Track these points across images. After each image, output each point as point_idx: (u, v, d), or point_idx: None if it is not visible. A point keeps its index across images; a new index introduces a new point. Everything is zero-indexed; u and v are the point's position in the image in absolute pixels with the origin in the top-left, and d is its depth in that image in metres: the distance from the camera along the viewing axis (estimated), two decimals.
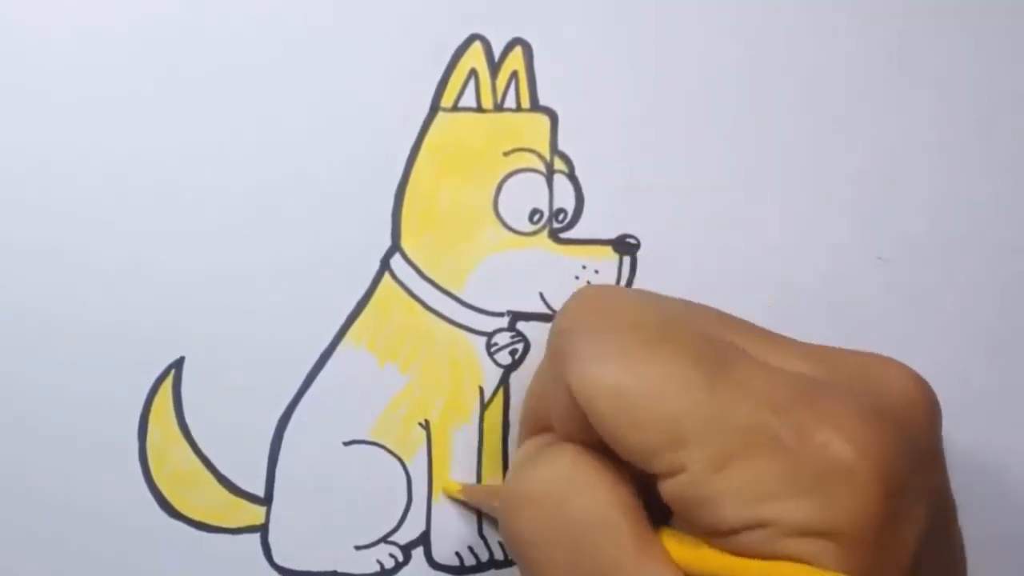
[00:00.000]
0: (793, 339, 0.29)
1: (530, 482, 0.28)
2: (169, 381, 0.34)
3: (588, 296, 0.30)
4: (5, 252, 0.33)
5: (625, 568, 0.26)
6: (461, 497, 0.35)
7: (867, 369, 0.28)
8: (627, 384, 0.26)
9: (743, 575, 0.25)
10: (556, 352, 0.29)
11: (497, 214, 0.36)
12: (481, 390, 0.36)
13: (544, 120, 0.36)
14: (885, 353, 0.37)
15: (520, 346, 0.36)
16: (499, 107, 0.36)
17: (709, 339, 0.27)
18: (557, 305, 0.35)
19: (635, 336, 0.27)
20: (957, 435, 0.37)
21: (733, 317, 0.29)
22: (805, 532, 0.25)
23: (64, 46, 0.34)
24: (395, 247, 0.35)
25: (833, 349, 0.29)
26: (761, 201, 0.37)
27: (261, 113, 0.34)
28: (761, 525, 0.25)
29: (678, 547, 0.27)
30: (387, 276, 0.35)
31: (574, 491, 0.27)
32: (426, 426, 0.35)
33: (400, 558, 0.36)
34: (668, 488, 0.26)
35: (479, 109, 0.36)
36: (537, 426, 0.32)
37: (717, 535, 0.26)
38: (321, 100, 0.35)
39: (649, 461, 0.26)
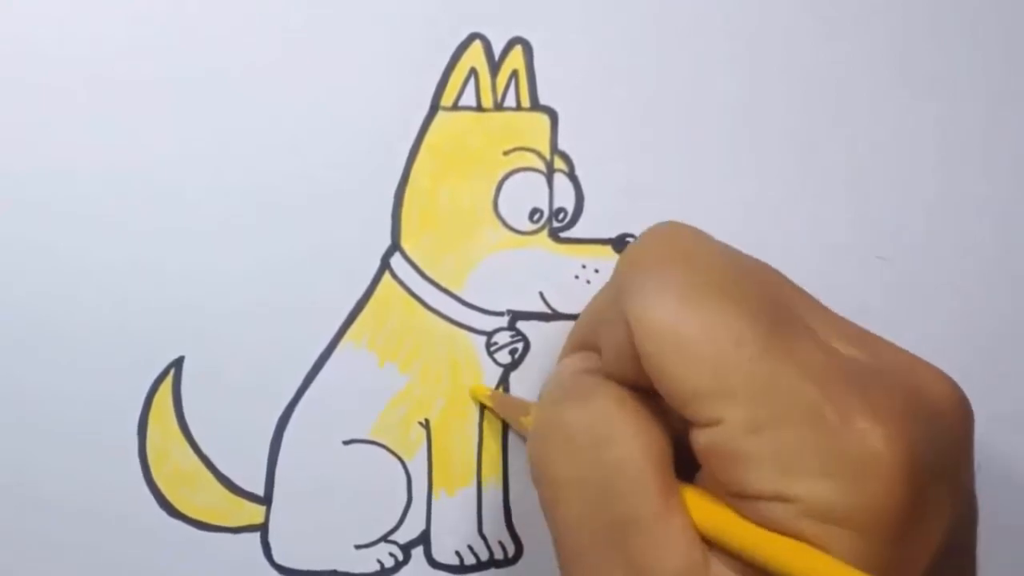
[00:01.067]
0: (848, 320, 0.29)
1: (567, 415, 0.28)
2: (169, 380, 0.34)
3: (663, 232, 0.30)
4: (5, 252, 0.33)
5: (644, 520, 0.26)
6: (489, 403, 0.35)
7: (912, 367, 0.27)
8: (682, 326, 0.26)
9: (759, 548, 0.25)
10: (621, 281, 0.28)
11: (497, 213, 0.36)
12: None
13: (544, 119, 0.36)
14: None
15: (520, 345, 0.36)
16: (499, 106, 0.36)
17: (774, 300, 0.27)
18: (557, 305, 0.36)
19: (701, 279, 0.27)
20: None
21: (800, 289, 0.29)
22: (827, 516, 0.24)
23: (63, 46, 0.33)
24: (395, 246, 0.35)
25: (883, 341, 0.28)
26: (761, 200, 0.37)
27: (261, 112, 0.34)
28: (785, 499, 0.25)
29: (700, 506, 0.26)
30: (387, 275, 0.35)
31: (610, 436, 0.27)
32: (426, 425, 0.35)
33: (400, 557, 0.36)
34: (701, 438, 0.26)
35: (479, 108, 0.36)
36: (583, 343, 0.32)
37: (739, 497, 0.26)
38: (321, 99, 0.35)
39: (689, 405, 0.26)
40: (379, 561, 0.35)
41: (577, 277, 0.36)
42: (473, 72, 0.35)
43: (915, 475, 0.25)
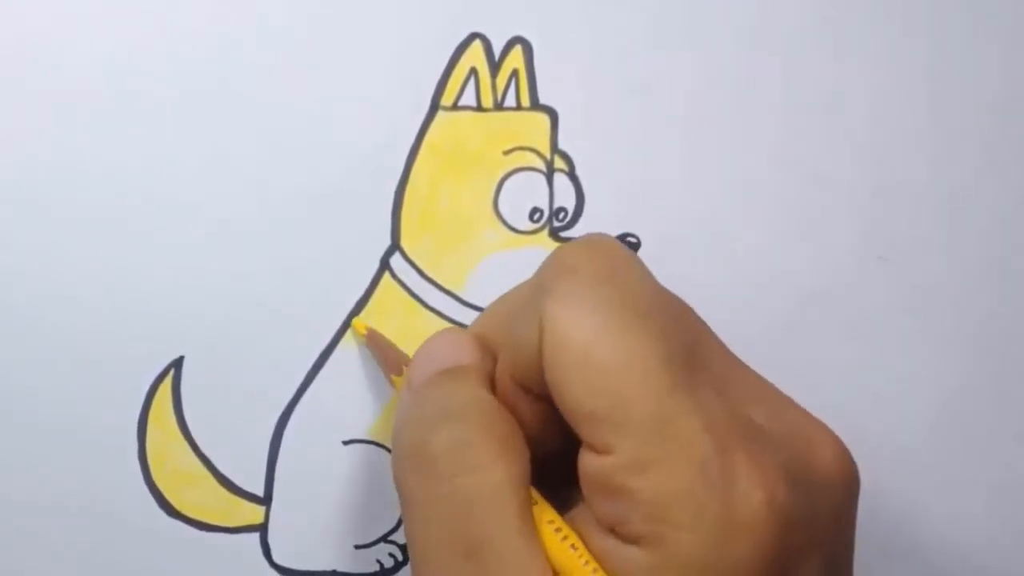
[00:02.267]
0: (753, 373, 0.29)
1: (431, 438, 0.28)
2: (169, 380, 0.34)
3: (601, 245, 0.29)
4: (5, 253, 0.33)
5: (499, 547, 0.26)
6: (363, 340, 0.34)
7: (803, 430, 0.27)
8: (596, 345, 0.26)
9: None
10: (545, 282, 0.28)
11: (497, 213, 0.36)
12: None
13: (544, 119, 0.36)
14: (884, 354, 0.37)
15: None
16: (499, 106, 0.36)
17: (691, 344, 0.27)
18: None
19: (625, 304, 0.27)
20: (957, 435, 0.37)
21: (717, 339, 0.29)
22: (686, 570, 0.25)
23: (64, 47, 0.33)
24: (395, 246, 0.35)
25: (781, 397, 0.28)
26: (761, 200, 0.37)
27: (261, 113, 0.34)
28: (650, 545, 0.25)
29: (553, 539, 0.26)
30: (387, 275, 0.35)
31: (472, 464, 0.27)
32: None
33: (400, 557, 0.36)
34: (589, 462, 0.26)
35: (479, 108, 0.36)
36: (480, 335, 0.31)
37: (607, 531, 0.26)
38: (321, 99, 0.35)
39: (584, 427, 0.26)
40: (379, 561, 0.35)
41: None
42: (473, 72, 0.35)
43: (786, 545, 0.25)
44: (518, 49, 0.36)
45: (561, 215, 0.36)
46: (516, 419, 0.28)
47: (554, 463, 0.28)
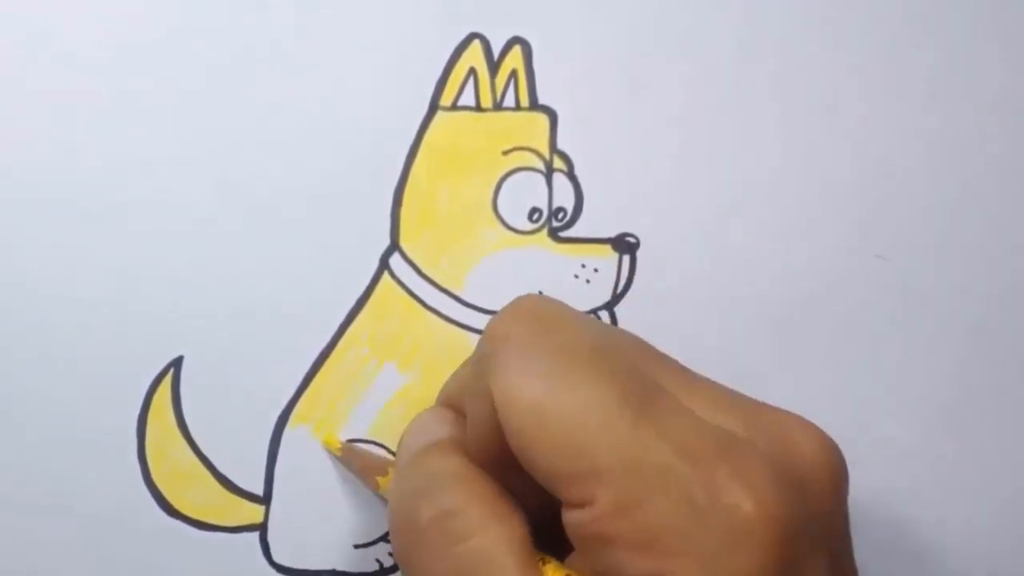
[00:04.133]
0: (716, 384, 0.28)
1: (419, 514, 0.28)
2: (168, 380, 0.34)
3: (527, 306, 0.29)
4: (4, 251, 0.33)
5: None
6: (338, 455, 0.35)
7: (780, 429, 0.27)
8: (549, 404, 0.26)
9: None
10: (485, 356, 0.28)
11: (496, 213, 0.36)
12: None
13: (543, 119, 0.36)
14: (883, 353, 0.37)
15: None
16: (498, 106, 0.36)
17: (639, 374, 0.27)
18: None
19: (566, 357, 0.27)
20: (956, 435, 0.37)
21: (664, 355, 0.29)
22: None
23: (62, 44, 0.34)
24: (394, 246, 0.35)
25: (751, 402, 0.28)
26: (760, 200, 0.36)
27: (260, 112, 0.34)
28: None
29: None
30: (386, 275, 0.35)
31: (464, 531, 0.27)
32: None
33: None
34: (571, 518, 0.26)
35: (478, 108, 0.36)
36: (449, 403, 0.31)
37: None
38: (320, 99, 0.35)
39: (558, 486, 0.26)
40: (378, 560, 0.35)
41: (576, 276, 0.36)
42: (472, 72, 0.35)
43: (788, 546, 0.25)
44: (517, 49, 0.36)
45: (560, 215, 0.36)
46: (504, 484, 0.28)
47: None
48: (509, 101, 0.36)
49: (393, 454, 0.35)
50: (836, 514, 0.27)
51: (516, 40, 0.36)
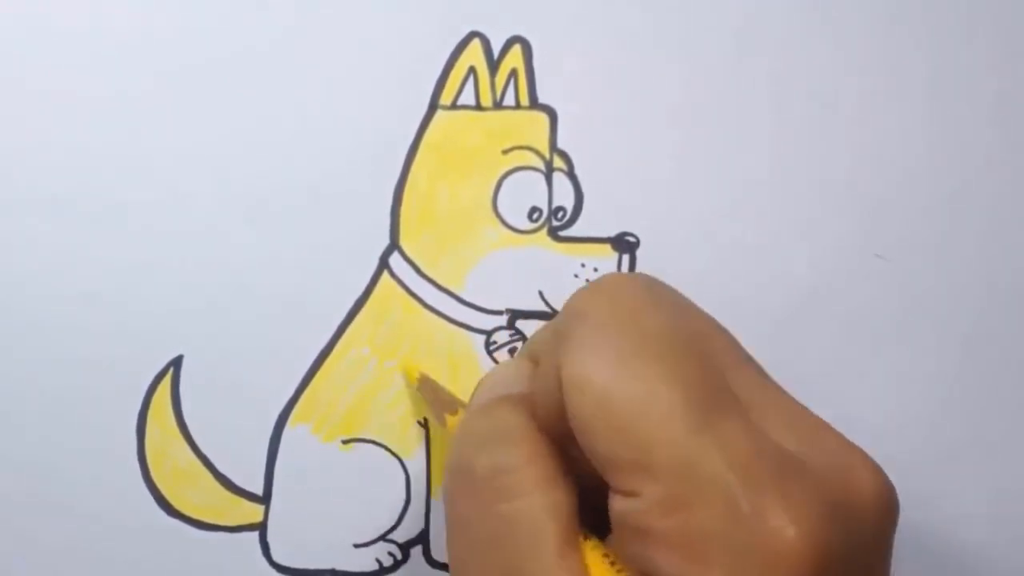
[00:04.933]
0: (788, 398, 0.28)
1: (477, 460, 0.28)
2: (168, 379, 0.34)
3: (611, 285, 0.29)
4: (4, 251, 0.33)
5: (537, 573, 0.26)
6: (415, 384, 0.35)
7: (843, 458, 0.27)
8: (614, 390, 0.26)
9: None
10: (562, 329, 0.28)
11: (496, 212, 0.36)
12: None
13: (543, 118, 0.36)
14: (883, 352, 0.37)
15: (519, 344, 0.36)
16: (498, 105, 0.36)
17: (714, 375, 0.27)
18: (556, 303, 0.36)
19: (642, 345, 0.26)
20: (956, 435, 0.37)
21: (747, 357, 0.28)
22: None
23: (61, 43, 0.33)
24: (394, 245, 0.35)
25: (819, 423, 0.28)
26: (760, 199, 0.36)
27: (260, 111, 0.34)
28: None
29: (599, 567, 0.26)
30: (386, 274, 0.35)
31: (514, 489, 0.27)
32: (425, 424, 0.35)
33: (399, 556, 0.36)
34: (616, 505, 0.26)
35: (478, 107, 0.35)
36: (532, 357, 0.31)
37: (642, 572, 0.25)
38: (320, 98, 0.35)
39: (609, 472, 0.26)
40: (378, 560, 0.36)
41: (576, 276, 0.36)
42: (472, 71, 0.35)
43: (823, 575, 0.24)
44: (517, 48, 0.36)
45: (560, 214, 0.36)
46: (561, 452, 0.28)
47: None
48: (509, 100, 0.36)
49: (394, 453, 0.35)
50: (879, 555, 0.27)
51: (516, 39, 0.36)
